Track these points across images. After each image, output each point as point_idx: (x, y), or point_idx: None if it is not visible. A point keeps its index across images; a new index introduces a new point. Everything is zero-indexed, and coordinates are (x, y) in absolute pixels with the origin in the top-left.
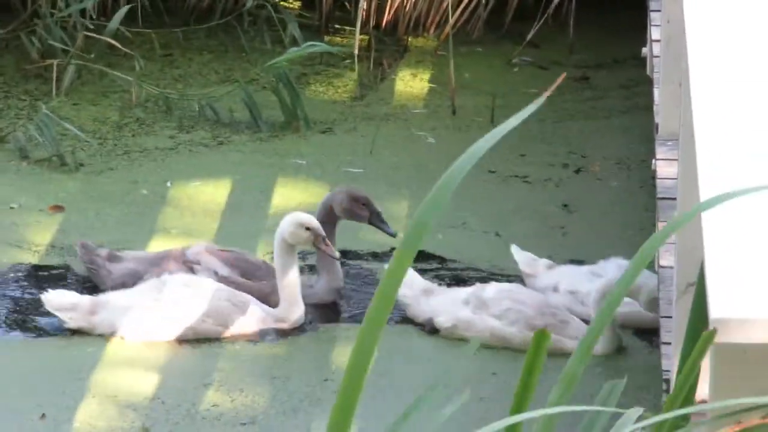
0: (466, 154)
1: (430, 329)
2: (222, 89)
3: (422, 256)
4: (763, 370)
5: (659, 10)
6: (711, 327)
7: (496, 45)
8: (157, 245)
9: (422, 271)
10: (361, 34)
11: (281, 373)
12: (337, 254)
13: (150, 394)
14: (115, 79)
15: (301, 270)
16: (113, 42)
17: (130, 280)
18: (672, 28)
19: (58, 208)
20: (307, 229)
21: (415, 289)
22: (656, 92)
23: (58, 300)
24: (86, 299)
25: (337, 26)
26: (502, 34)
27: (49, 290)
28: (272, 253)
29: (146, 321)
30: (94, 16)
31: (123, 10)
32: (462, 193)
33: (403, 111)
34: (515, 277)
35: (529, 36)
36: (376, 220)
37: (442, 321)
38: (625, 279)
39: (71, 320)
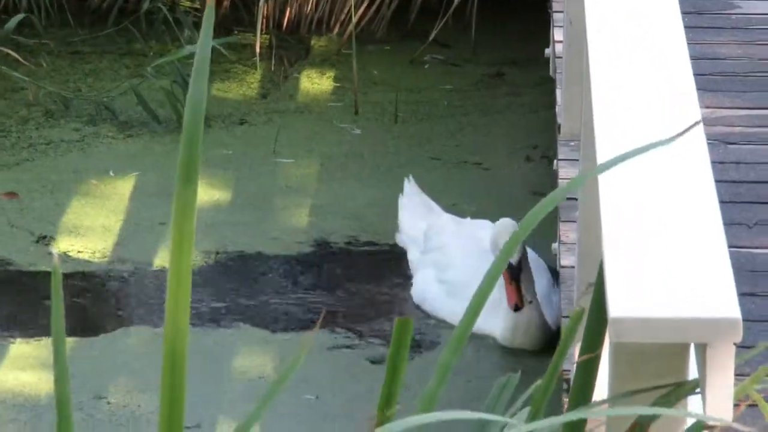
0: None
1: None
2: (122, 87)
3: None
4: (661, 369)
5: (562, 11)
6: (609, 326)
7: (402, 43)
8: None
9: None
10: (262, 34)
11: None
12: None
13: None
14: (21, 75)
15: None
16: (9, 51)
17: None
18: (574, 30)
19: (11, 195)
20: None
21: None
22: (558, 93)
23: None
24: None
25: (237, 27)
26: (407, 32)
27: None
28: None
29: None
30: None
31: (16, 19)
32: (422, 178)
33: (315, 106)
34: None
35: (432, 35)
36: None
37: None
38: (511, 242)
39: None
